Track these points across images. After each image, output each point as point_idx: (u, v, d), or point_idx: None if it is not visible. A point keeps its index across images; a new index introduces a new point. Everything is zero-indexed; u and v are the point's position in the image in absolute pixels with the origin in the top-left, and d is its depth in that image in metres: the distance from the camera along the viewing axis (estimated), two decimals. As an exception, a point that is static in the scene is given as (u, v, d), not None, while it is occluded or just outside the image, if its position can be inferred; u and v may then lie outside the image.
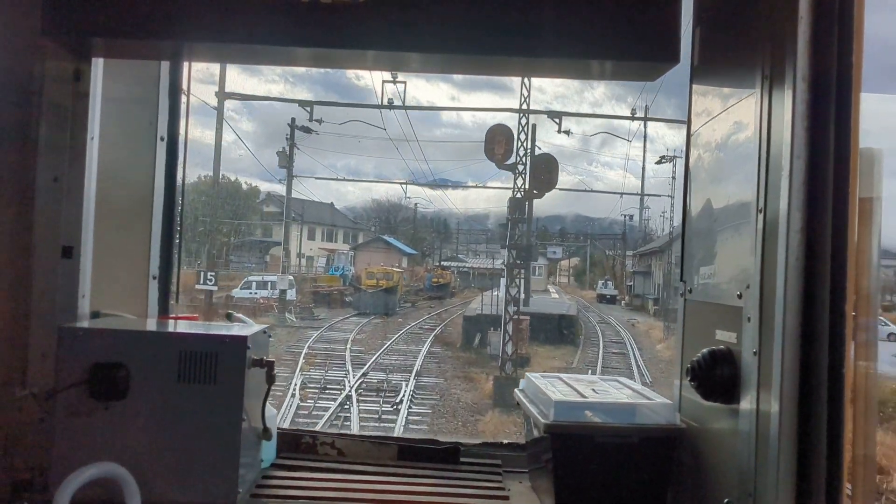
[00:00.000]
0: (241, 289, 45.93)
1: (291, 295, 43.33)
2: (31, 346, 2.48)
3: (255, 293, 44.46)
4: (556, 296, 61.69)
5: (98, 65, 2.53)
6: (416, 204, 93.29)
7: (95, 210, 2.57)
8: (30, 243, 2.49)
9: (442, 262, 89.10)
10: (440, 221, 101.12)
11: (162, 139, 2.92)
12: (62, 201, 2.50)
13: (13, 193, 2.50)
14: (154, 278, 2.89)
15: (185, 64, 3.03)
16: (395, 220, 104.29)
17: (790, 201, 1.87)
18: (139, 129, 2.87)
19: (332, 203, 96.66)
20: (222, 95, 35.62)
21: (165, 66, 2.91)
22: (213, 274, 33.59)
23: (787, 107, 1.90)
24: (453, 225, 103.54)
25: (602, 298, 65.46)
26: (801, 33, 1.87)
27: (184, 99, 3.06)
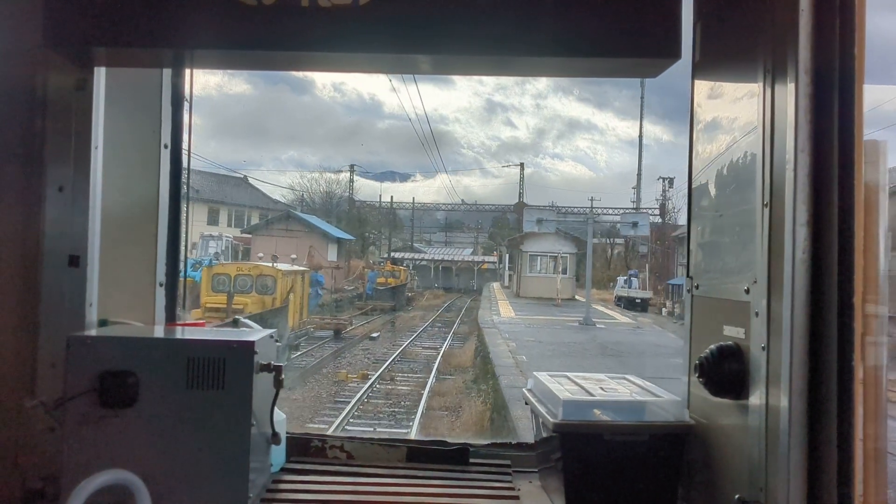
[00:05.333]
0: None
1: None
2: (40, 355, 2.49)
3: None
4: (628, 320, 34.25)
5: (101, 74, 2.54)
6: (352, 166, 71.37)
7: (101, 218, 2.58)
8: (37, 253, 2.50)
9: (393, 254, 64.77)
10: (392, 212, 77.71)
11: (165, 147, 2.93)
12: (68, 211, 2.51)
13: (19, 204, 2.51)
14: (161, 285, 2.90)
15: (188, 71, 3.04)
16: (334, 206, 76.86)
17: (795, 195, 1.87)
18: (143, 138, 2.88)
19: (245, 177, 69.24)
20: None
21: (168, 73, 2.92)
22: None
23: (790, 100, 1.89)
24: (406, 214, 79.68)
25: (626, 303, 42.27)
26: (802, 26, 1.87)
27: (186, 106, 3.07)
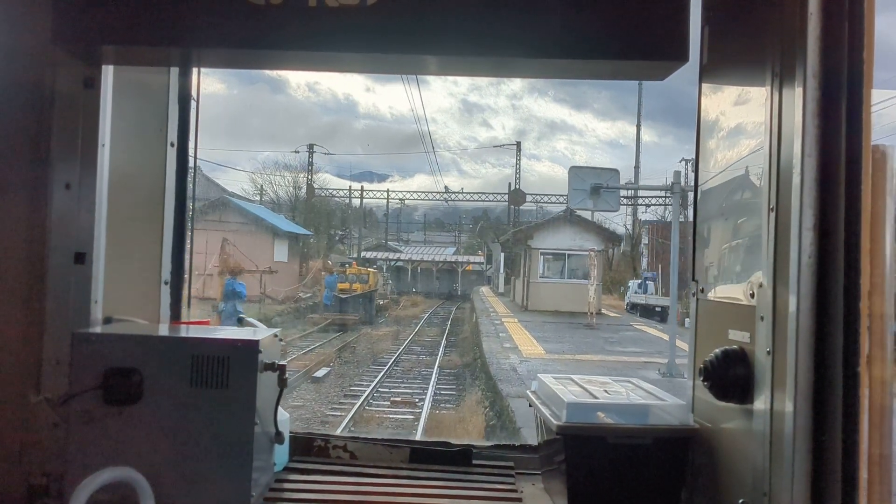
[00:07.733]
0: None
1: None
2: (45, 352, 2.50)
3: None
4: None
5: (108, 72, 2.55)
6: (311, 145, 58.62)
7: (107, 216, 2.59)
8: (43, 250, 2.51)
9: (363, 254, 55.48)
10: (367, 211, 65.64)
11: (172, 145, 2.93)
12: (74, 208, 2.52)
13: (26, 200, 2.52)
14: (166, 283, 2.91)
15: (195, 70, 3.05)
16: (300, 200, 62.82)
17: (802, 199, 1.86)
18: (149, 136, 2.88)
19: (198, 167, 44.14)
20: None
21: (175, 72, 2.93)
22: None
23: (797, 104, 1.89)
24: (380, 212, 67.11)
25: (642, 311, 35.03)
26: (811, 30, 1.86)
27: (193, 105, 3.08)
